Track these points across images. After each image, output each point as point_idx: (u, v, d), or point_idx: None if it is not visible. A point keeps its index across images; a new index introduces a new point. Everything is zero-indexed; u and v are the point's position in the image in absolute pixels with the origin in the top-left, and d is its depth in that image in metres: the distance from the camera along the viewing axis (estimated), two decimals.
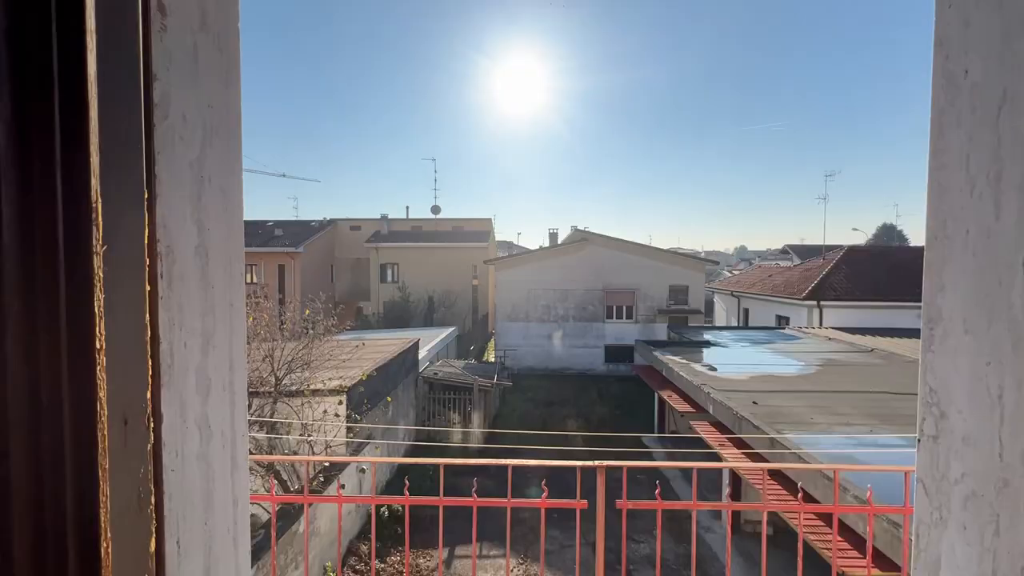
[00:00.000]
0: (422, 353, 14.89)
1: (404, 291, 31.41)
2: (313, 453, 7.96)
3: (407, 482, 2.98)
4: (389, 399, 10.33)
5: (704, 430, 8.83)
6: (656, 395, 15.01)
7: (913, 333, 18.24)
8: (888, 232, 74.38)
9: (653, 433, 15.03)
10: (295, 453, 7.87)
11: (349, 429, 8.29)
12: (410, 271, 32.25)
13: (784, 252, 70.40)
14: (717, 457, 9.48)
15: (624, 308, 24.36)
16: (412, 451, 12.91)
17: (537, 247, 54.49)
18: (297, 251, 30.77)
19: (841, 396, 9.20)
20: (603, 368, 24.13)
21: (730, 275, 40.92)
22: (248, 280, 31.07)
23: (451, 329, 22.52)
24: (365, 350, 10.73)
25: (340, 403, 8.33)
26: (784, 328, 19.96)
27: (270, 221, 36.74)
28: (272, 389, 7.95)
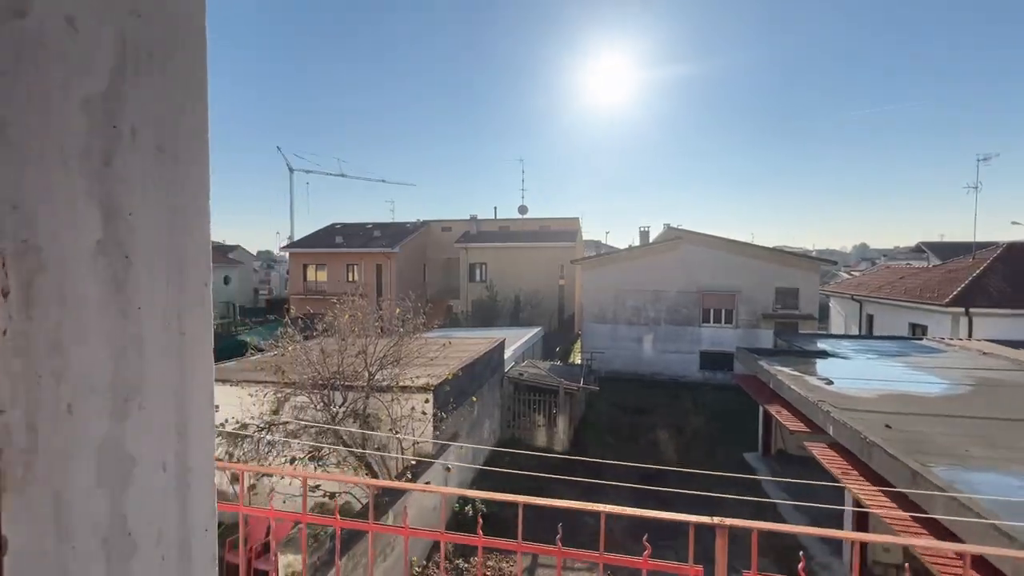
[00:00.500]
0: (508, 353, 14.86)
1: (492, 290, 31.90)
2: (402, 449, 8.14)
3: (481, 511, 2.73)
4: (475, 399, 10.35)
5: (821, 454, 7.71)
6: (761, 409, 13.61)
7: None
8: None
9: (757, 451, 13.65)
10: (384, 448, 8.10)
11: (435, 427, 8.37)
12: (497, 270, 32.67)
13: (918, 250, 61.55)
14: (837, 484, 8.26)
15: (723, 312, 22.58)
16: (492, 456, 12.88)
17: (626, 246, 52.80)
18: (393, 251, 32.49)
19: (1007, 425, 7.55)
20: (698, 375, 22.58)
21: (849, 276, 36.44)
22: (348, 279, 33.46)
23: (537, 329, 22.37)
24: (451, 349, 10.86)
25: (427, 401, 8.44)
26: (921, 339, 17.19)
27: (369, 223, 39.26)
28: (365, 384, 8.26)
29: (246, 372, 9.50)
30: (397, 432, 8.07)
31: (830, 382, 10.47)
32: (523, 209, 37.95)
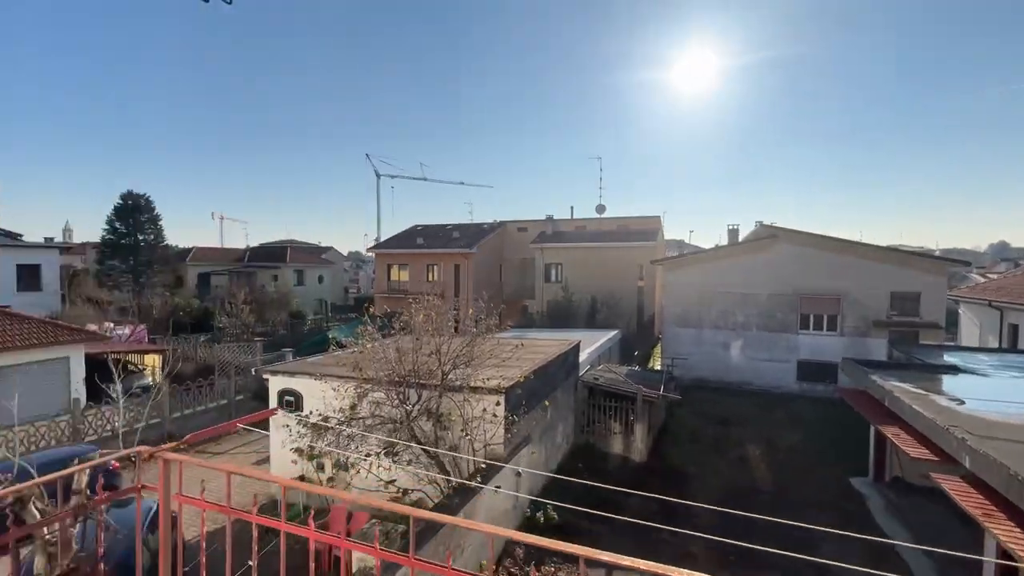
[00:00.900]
0: (583, 356, 14.45)
1: (567, 291, 31.46)
2: (473, 450, 8.10)
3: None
4: (547, 403, 10.10)
5: (955, 489, 6.54)
6: (873, 429, 12.03)
7: None
8: None
9: (867, 477, 12.07)
10: (456, 448, 8.10)
11: (506, 430, 8.25)
12: (573, 271, 32.17)
13: None
14: (974, 526, 6.96)
15: (825, 318, 20.39)
16: (565, 462, 12.55)
17: (711, 245, 49.75)
18: (471, 251, 33.15)
19: None
20: (795, 387, 20.59)
21: (984, 280, 31.44)
22: (428, 279, 34.68)
23: (614, 332, 21.65)
24: (525, 350, 10.70)
25: (498, 403, 8.34)
26: None
27: (449, 224, 40.42)
28: (439, 383, 8.33)
29: (329, 367, 10.01)
30: (468, 434, 8.05)
31: (962, 403, 8.94)
32: (601, 208, 37.07)
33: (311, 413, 8.12)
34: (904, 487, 11.48)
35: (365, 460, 7.70)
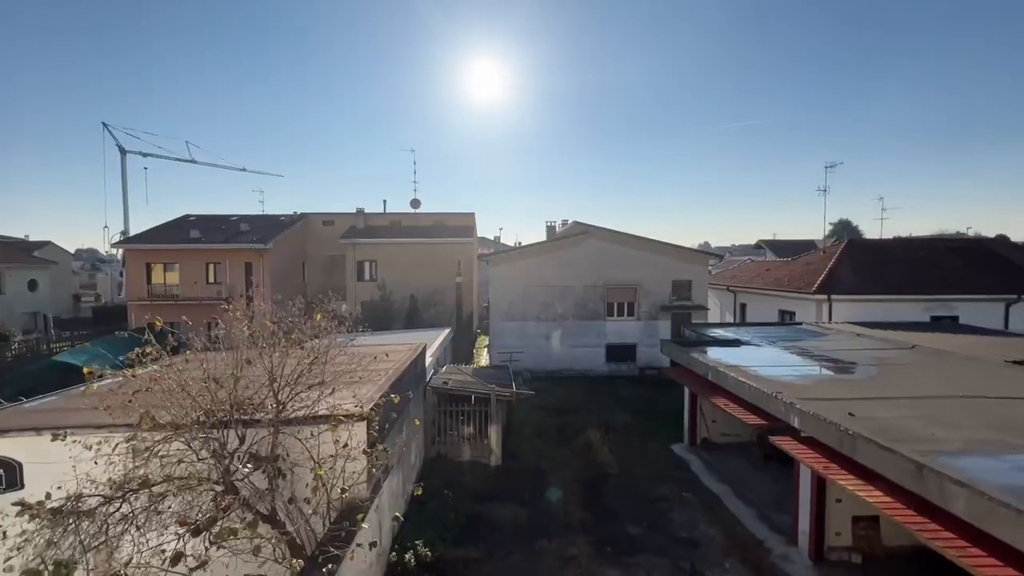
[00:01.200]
0: (427, 360, 13.13)
1: (384, 290, 29.35)
2: (328, 499, 6.17)
3: None
4: (418, 421, 8.57)
5: (795, 450, 7.50)
6: (687, 400, 13.76)
7: (927, 327, 17.74)
8: (845, 228, 76.68)
9: (683, 442, 13.75)
10: (307, 501, 6.05)
11: (371, 464, 6.52)
12: (390, 268, 30.17)
13: (758, 247, 71.38)
14: (821, 487, 8.18)
15: (626, 305, 23.16)
16: (424, 479, 11.17)
17: (515, 243, 52.92)
18: (266, 248, 28.19)
19: (937, 403, 8.07)
20: (604, 368, 22.89)
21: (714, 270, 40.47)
22: (209, 280, 28.28)
23: (447, 330, 20.75)
24: (368, 359, 8.90)
25: (362, 431, 6.56)
26: (800, 324, 19.12)
27: (234, 215, 33.82)
28: (273, 416, 6.12)
29: (79, 414, 6.62)
30: (320, 479, 6.08)
31: (757, 369, 10.65)
32: (416, 203, 35.73)
33: (48, 496, 5.05)
34: (711, 446, 13.43)
35: (159, 551, 5.11)
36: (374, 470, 6.72)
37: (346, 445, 6.19)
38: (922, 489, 5.50)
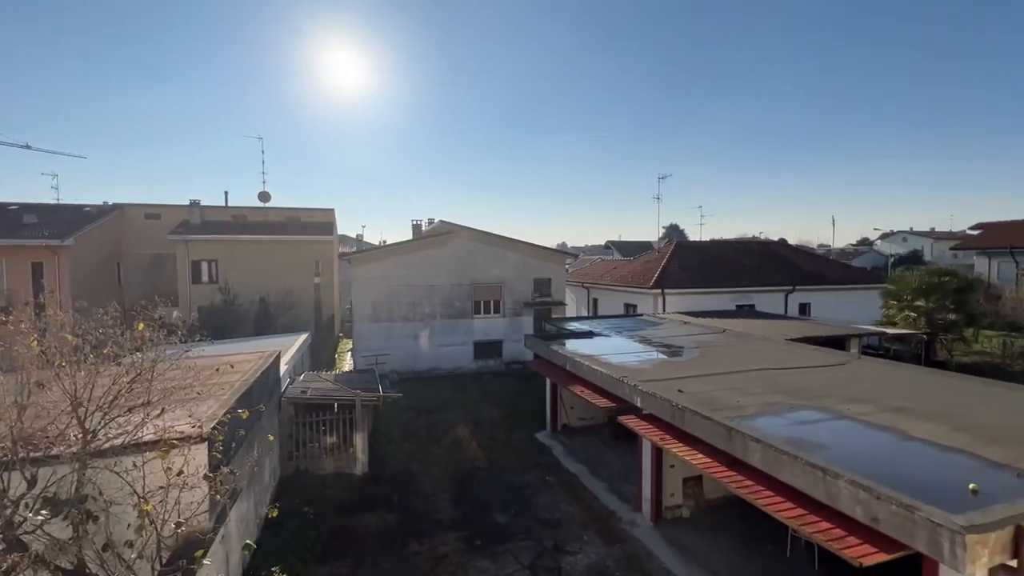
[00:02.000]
0: (281, 368, 12.02)
1: (227, 293, 26.07)
2: (159, 538, 5.32)
3: None
4: (272, 437, 7.75)
5: (638, 426, 8.51)
6: (548, 390, 14.67)
7: (733, 314, 21.46)
8: (675, 231, 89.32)
9: (546, 430, 14.65)
10: (129, 544, 5.15)
11: (214, 491, 5.77)
12: (235, 268, 26.90)
13: (607, 248, 78.91)
14: (659, 456, 9.30)
15: (492, 303, 23.86)
16: (281, 499, 10.27)
17: (380, 241, 51.05)
18: (63, 244, 23.07)
19: (741, 376, 9.83)
20: (472, 366, 23.32)
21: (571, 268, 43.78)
22: None
23: (305, 335, 19.16)
24: (210, 372, 7.89)
25: (201, 453, 5.77)
26: (641, 315, 21.64)
27: (13, 204, 27.04)
28: (79, 449, 5.07)
29: None
30: (148, 514, 5.23)
31: (608, 357, 11.87)
32: (265, 196, 32.24)
33: None
34: (570, 431, 14.54)
35: None
36: (218, 497, 5.96)
37: (181, 472, 5.39)
38: (731, 448, 6.68)
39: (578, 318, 24.20)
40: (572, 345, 13.98)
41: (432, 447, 13.35)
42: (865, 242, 73.38)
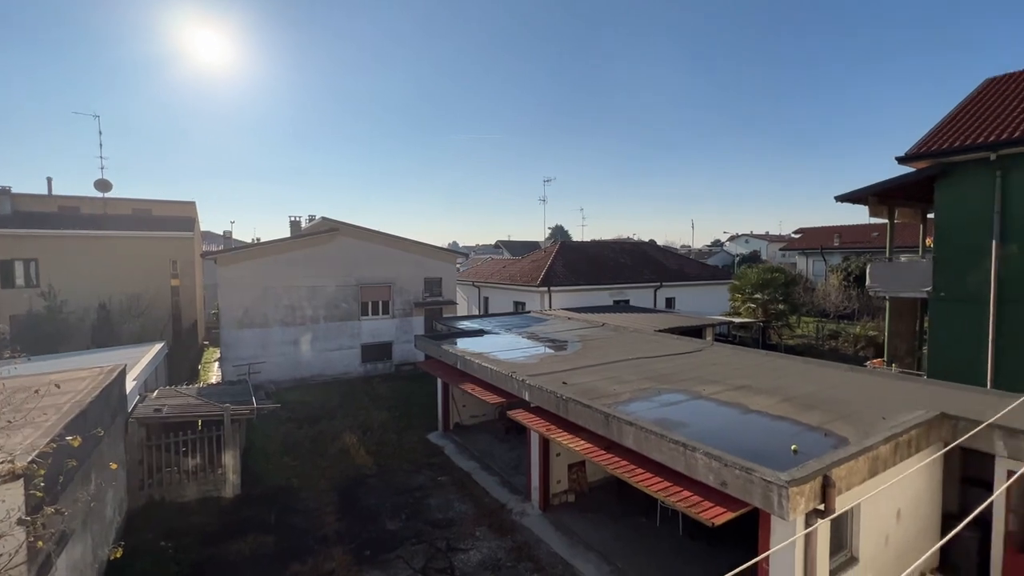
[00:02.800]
0: (129, 385, 10.39)
1: (52, 298, 21.84)
2: None
3: None
4: (115, 465, 6.60)
5: (527, 419, 8.82)
6: (440, 389, 14.56)
7: (611, 309, 23.24)
8: (559, 231, 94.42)
9: (439, 430, 14.54)
10: None
11: (35, 538, 4.81)
12: (63, 270, 22.65)
13: (497, 247, 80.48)
14: (546, 447, 9.68)
15: (380, 303, 23.03)
16: (129, 537, 8.95)
17: (253, 239, 46.43)
18: None
19: (617, 366, 10.68)
20: (360, 369, 22.31)
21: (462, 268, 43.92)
22: None
23: (159, 346, 16.72)
24: (21, 395, 6.57)
25: (16, 492, 4.79)
26: (529, 312, 22.45)
27: None
28: None
29: None
30: None
31: (498, 354, 12.17)
32: (104, 185, 27.44)
33: None
34: (462, 429, 14.60)
35: None
36: (40, 543, 5.00)
37: None
38: (609, 432, 7.24)
39: (469, 317, 24.36)
40: (463, 344, 14.05)
41: (316, 459, 12.53)
42: (717, 244, 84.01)
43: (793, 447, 5.98)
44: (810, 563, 5.34)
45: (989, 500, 6.08)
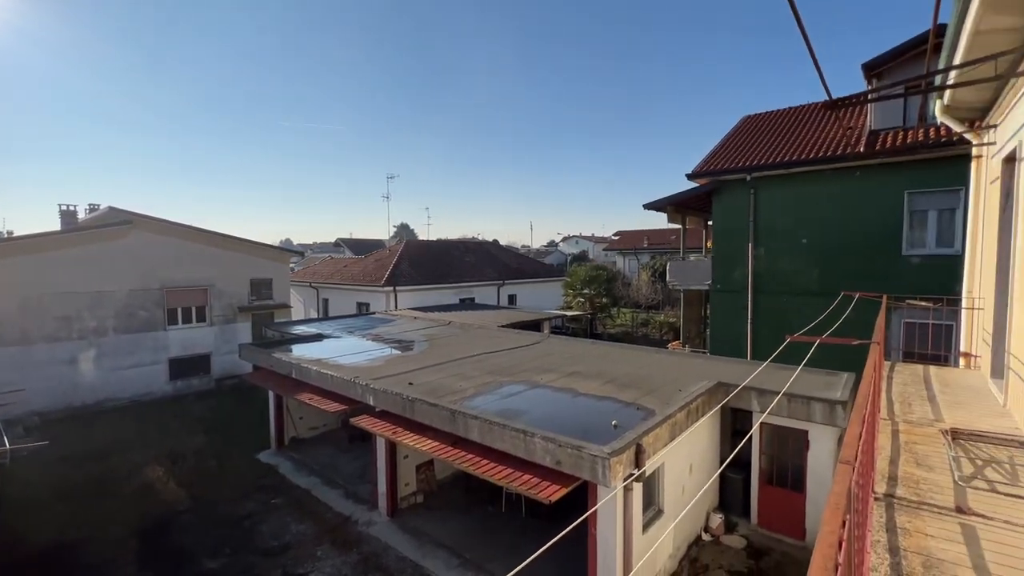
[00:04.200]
0: None
1: None
2: None
3: None
4: None
5: (371, 425, 8.49)
6: (272, 403, 13.16)
7: (457, 307, 23.70)
8: (405, 230, 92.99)
9: (271, 448, 13.13)
10: None
11: None
12: None
13: (337, 245, 75.69)
14: (393, 450, 9.37)
15: (194, 310, 19.84)
16: None
17: (4, 232, 35.98)
18: None
19: (463, 363, 10.93)
20: (168, 388, 18.95)
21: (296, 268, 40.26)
22: None
23: None
24: None
25: None
26: (375, 313, 21.60)
27: None
28: None
29: None
30: None
31: (339, 359, 11.51)
32: None
33: None
34: (300, 443, 13.42)
35: None
36: None
37: None
38: (455, 428, 7.39)
39: (306, 320, 22.46)
40: (299, 350, 12.93)
41: (104, 502, 10.30)
42: (552, 244, 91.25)
43: (614, 422, 6.87)
44: (627, 520, 6.21)
45: (742, 443, 7.81)
